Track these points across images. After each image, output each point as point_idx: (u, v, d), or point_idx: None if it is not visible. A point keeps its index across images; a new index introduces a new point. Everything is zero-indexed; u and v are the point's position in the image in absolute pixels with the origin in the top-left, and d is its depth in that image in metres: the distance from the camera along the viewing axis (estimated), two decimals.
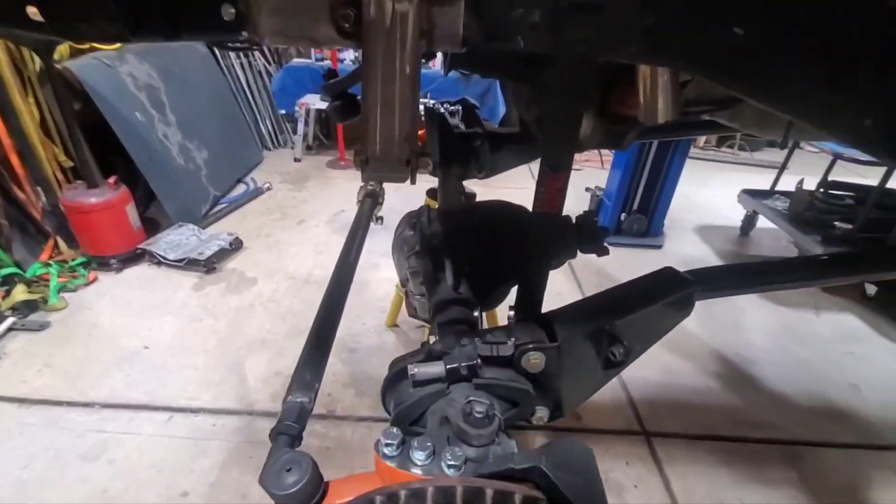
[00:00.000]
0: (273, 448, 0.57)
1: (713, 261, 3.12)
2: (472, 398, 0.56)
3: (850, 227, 2.66)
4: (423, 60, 0.86)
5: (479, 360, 0.68)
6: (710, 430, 1.85)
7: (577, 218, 1.06)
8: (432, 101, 3.09)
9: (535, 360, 0.69)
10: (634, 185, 3.14)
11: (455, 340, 0.71)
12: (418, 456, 0.50)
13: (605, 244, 1.02)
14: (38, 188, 2.42)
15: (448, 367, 0.67)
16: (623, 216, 3.21)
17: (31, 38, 0.63)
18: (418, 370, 0.67)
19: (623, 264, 2.97)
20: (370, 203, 1.18)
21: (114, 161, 2.72)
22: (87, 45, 2.62)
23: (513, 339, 0.68)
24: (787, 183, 3.19)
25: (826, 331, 2.46)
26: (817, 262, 0.81)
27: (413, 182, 0.65)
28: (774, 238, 3.36)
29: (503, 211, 1.08)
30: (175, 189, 2.94)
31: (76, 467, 1.54)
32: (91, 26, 0.61)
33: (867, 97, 0.71)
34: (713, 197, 4.08)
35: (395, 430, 0.51)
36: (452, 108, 2.07)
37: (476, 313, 0.91)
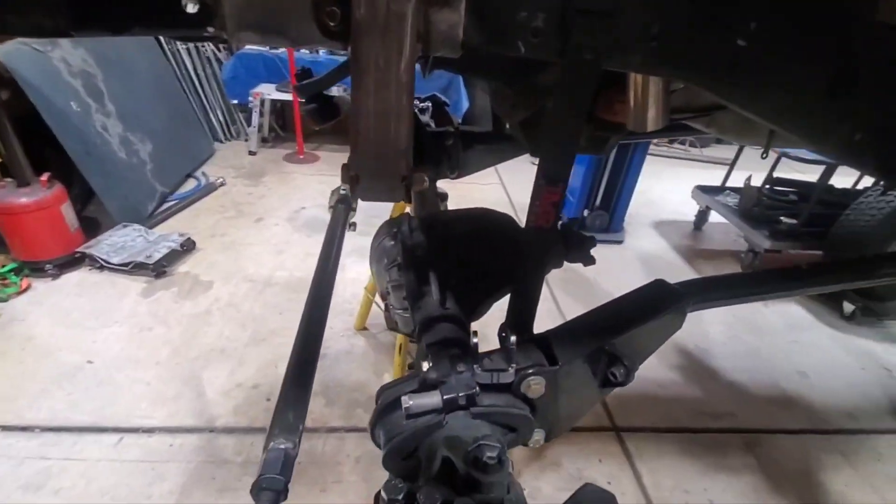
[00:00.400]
0: None
1: (671, 255, 3.23)
2: (482, 441, 0.51)
3: (794, 222, 2.82)
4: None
5: (477, 389, 0.64)
6: (675, 422, 1.91)
7: (561, 226, 1.04)
8: None
9: (535, 386, 0.66)
10: (597, 182, 3.20)
11: (450, 367, 0.66)
12: None
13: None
14: None
15: (445, 397, 0.62)
16: (586, 212, 3.27)
17: None
18: (413, 402, 0.62)
19: None
20: (344, 209, 1.11)
21: (47, 156, 2.46)
22: None
23: (513, 366, 0.65)
24: (737, 179, 3.34)
25: (775, 319, 2.60)
26: (801, 272, 0.82)
27: (409, 201, 0.59)
28: (725, 232, 3.52)
29: (487, 219, 1.04)
30: (117, 185, 2.71)
31: (17, 498, 1.39)
32: (22, 18, 0.51)
33: (863, 112, 0.72)
34: (667, 192, 4.23)
35: (398, 482, 0.46)
36: (422, 104, 2.00)
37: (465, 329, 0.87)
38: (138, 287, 2.34)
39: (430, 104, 1.94)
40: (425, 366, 0.68)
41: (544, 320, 0.74)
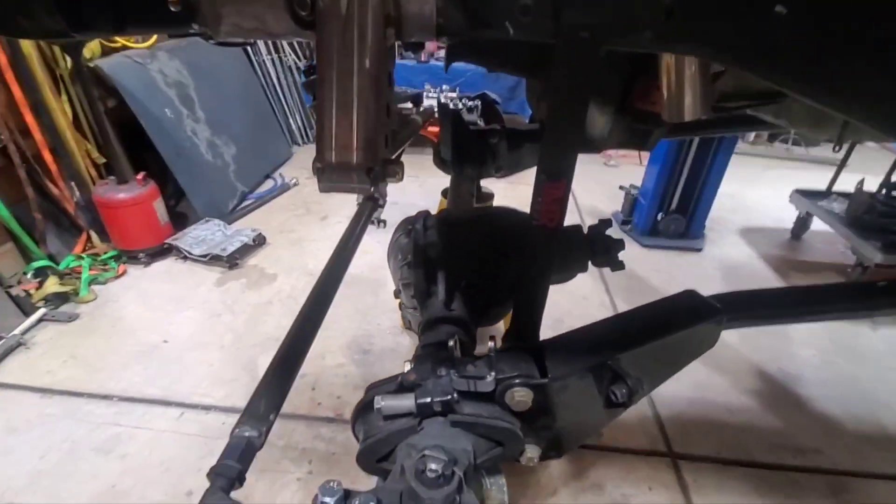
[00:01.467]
0: (208, 491, 0.51)
1: (758, 266, 2.88)
2: (426, 451, 0.47)
3: None
4: (407, 52, 0.77)
5: (455, 395, 0.60)
6: (744, 454, 1.69)
7: (589, 229, 0.95)
8: (457, 96, 2.98)
9: (520, 398, 0.61)
10: (673, 184, 2.94)
11: (431, 370, 0.63)
12: None
13: (621, 259, 0.91)
14: (72, 183, 2.50)
15: (419, 401, 0.59)
16: (660, 216, 3.02)
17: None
18: (385, 403, 0.59)
19: (657, 268, 2.80)
20: (370, 206, 1.12)
21: (146, 157, 2.78)
22: (118, 44, 2.69)
23: (493, 374, 0.60)
24: (846, 182, 2.90)
25: (883, 347, 2.21)
26: (870, 290, 0.67)
27: (380, 194, 0.57)
28: (829, 242, 3.07)
29: (509, 219, 0.99)
30: (202, 185, 2.99)
31: (89, 460, 1.57)
32: (32, 22, 0.56)
33: None
34: (762, 197, 3.79)
35: (334, 484, 0.44)
36: (471, 103, 1.96)
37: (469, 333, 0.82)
38: (213, 277, 2.56)
39: (478, 102, 1.91)
40: (407, 367, 0.65)
41: None
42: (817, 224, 3.02)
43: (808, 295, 0.77)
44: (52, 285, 2.22)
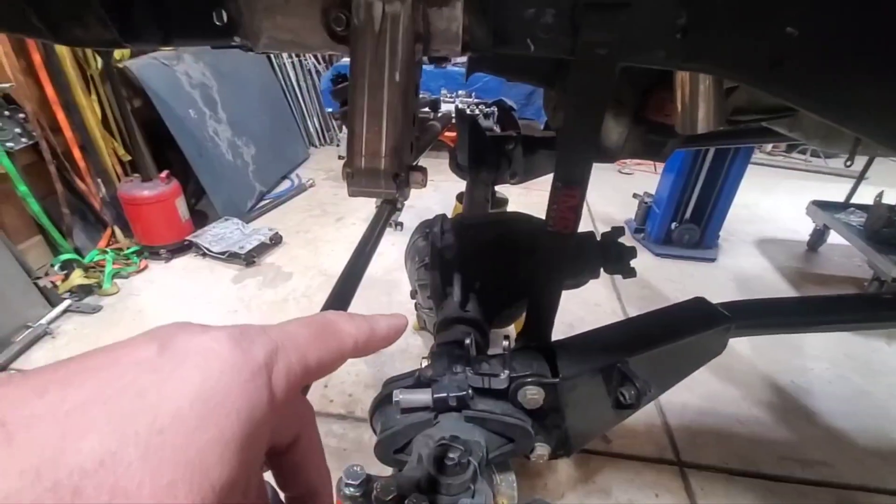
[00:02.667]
0: None
1: (773, 278, 2.86)
2: (444, 440, 0.50)
3: None
4: (434, 65, 0.81)
5: (469, 391, 0.63)
6: (752, 465, 1.69)
7: (602, 235, 0.98)
8: (473, 101, 3.02)
9: (532, 396, 0.63)
10: (687, 193, 2.94)
11: (447, 367, 0.66)
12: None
13: (633, 266, 0.93)
14: (99, 180, 2.58)
15: (435, 395, 0.62)
16: (673, 225, 3.02)
17: None
18: (403, 396, 0.62)
19: (669, 277, 2.80)
20: (388, 209, 1.15)
21: (169, 155, 2.87)
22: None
23: (506, 372, 0.62)
24: (865, 195, 2.87)
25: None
26: (881, 301, 0.69)
27: (405, 198, 0.61)
28: (846, 256, 3.04)
29: (523, 224, 1.02)
30: (223, 184, 3.06)
31: None
32: (87, 32, 0.61)
33: None
34: (778, 208, 3.76)
35: (358, 468, 0.47)
36: (488, 109, 2.00)
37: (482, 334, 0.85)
38: (231, 274, 2.62)
39: (495, 108, 1.94)
40: (424, 363, 0.68)
41: None
42: (834, 237, 2.99)
43: (819, 305, 0.78)
44: (77, 278, 2.30)
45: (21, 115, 2.20)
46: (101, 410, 0.16)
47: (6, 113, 2.16)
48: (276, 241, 2.88)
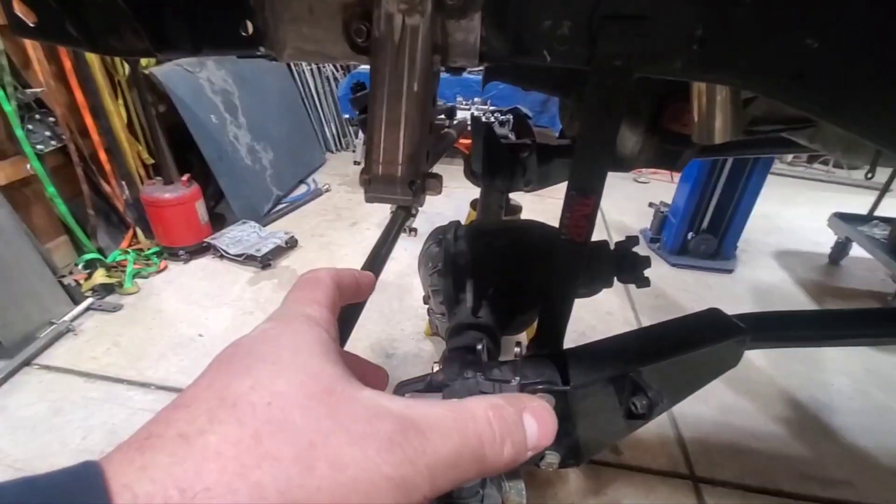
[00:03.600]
0: None
1: (792, 291, 2.81)
2: None
3: None
4: (450, 75, 0.82)
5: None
6: (769, 482, 1.65)
7: (616, 244, 0.97)
8: (489, 108, 3.03)
9: None
10: (705, 202, 2.91)
11: (458, 371, 0.66)
12: None
13: (647, 275, 0.93)
14: (123, 183, 2.66)
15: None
16: (690, 235, 2.99)
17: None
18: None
19: (685, 287, 2.76)
20: (403, 215, 1.17)
21: (189, 159, 2.94)
22: None
23: (517, 378, 0.63)
24: (889, 207, 2.81)
25: None
26: None
27: (420, 205, 0.62)
28: (869, 270, 2.97)
29: (536, 232, 1.02)
30: (241, 188, 3.12)
31: None
32: (122, 42, 0.64)
33: None
34: (799, 219, 3.70)
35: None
36: (503, 117, 2.01)
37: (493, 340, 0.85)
38: (247, 276, 2.66)
39: (510, 116, 1.95)
40: (435, 367, 0.69)
41: None
42: (857, 250, 2.93)
43: (837, 318, 0.77)
44: (99, 277, 2.37)
45: (51, 119, 2.28)
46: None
47: (37, 116, 2.24)
48: (291, 244, 2.92)
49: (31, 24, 0.65)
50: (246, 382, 0.23)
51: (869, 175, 0.87)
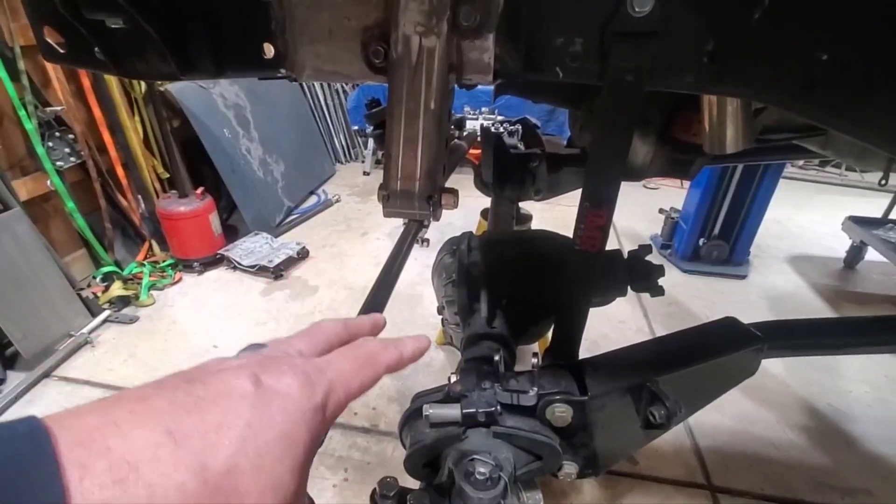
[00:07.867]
0: None
1: (807, 296, 2.77)
2: (475, 455, 0.52)
3: None
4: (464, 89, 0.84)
5: (498, 407, 0.64)
6: (788, 491, 1.62)
7: (629, 253, 0.98)
8: (497, 119, 3.05)
9: (560, 413, 0.64)
10: (716, 208, 2.89)
11: (476, 382, 0.67)
12: None
13: (661, 284, 0.93)
14: (139, 196, 2.71)
15: (465, 411, 0.63)
16: (701, 241, 2.97)
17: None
18: (433, 411, 0.64)
19: (698, 294, 2.74)
20: (416, 226, 1.18)
21: (203, 172, 2.99)
22: None
23: (535, 389, 0.63)
24: None
25: None
26: None
27: (437, 219, 0.63)
28: (886, 274, 2.93)
29: (548, 242, 1.03)
30: (253, 200, 3.16)
31: None
32: (148, 66, 0.66)
33: None
34: (812, 223, 3.66)
35: (391, 480, 0.49)
36: (512, 127, 2.03)
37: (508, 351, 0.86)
38: (259, 286, 2.69)
39: (519, 126, 1.97)
40: (452, 378, 0.70)
41: None
42: (872, 254, 2.89)
43: (855, 325, 0.77)
44: (116, 289, 2.41)
45: (70, 136, 2.34)
46: (226, 435, 0.25)
47: (57, 134, 2.30)
48: (303, 255, 2.95)
49: (62, 51, 0.68)
50: None
51: (882, 182, 0.87)
